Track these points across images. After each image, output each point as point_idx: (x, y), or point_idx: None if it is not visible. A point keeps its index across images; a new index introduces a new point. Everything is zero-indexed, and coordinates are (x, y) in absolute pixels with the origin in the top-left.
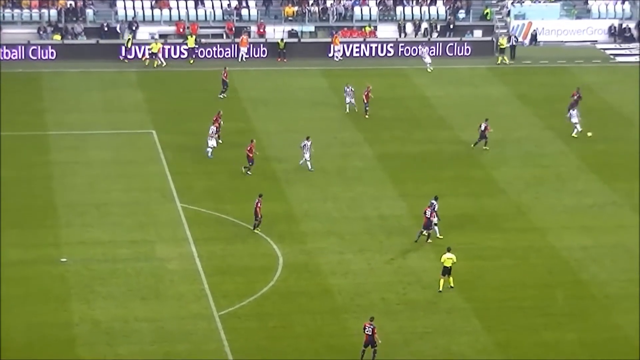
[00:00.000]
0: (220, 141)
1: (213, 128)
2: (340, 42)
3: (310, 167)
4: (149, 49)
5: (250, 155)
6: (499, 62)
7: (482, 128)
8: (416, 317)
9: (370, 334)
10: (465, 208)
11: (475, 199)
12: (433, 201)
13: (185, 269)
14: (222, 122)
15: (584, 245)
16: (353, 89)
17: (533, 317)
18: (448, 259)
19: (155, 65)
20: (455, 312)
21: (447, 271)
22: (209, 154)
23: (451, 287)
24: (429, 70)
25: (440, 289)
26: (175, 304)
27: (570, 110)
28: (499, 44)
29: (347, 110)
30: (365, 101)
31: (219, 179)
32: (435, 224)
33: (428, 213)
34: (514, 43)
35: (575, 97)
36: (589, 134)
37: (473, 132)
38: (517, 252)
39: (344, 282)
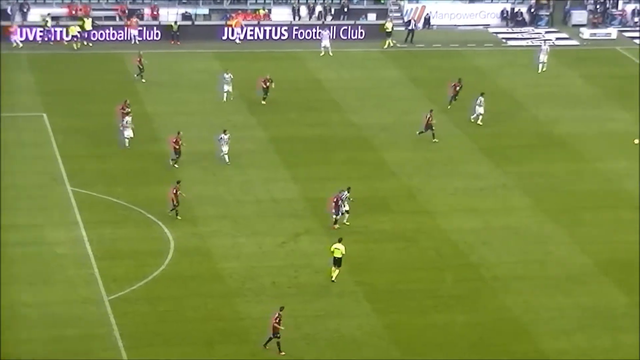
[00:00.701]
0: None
1: (128, 119)
2: (239, 25)
3: (227, 161)
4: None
5: (177, 147)
6: (386, 46)
7: (426, 118)
8: (307, 300)
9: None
10: (356, 191)
11: (366, 182)
12: (345, 192)
13: (74, 253)
14: (129, 110)
15: (474, 227)
16: (232, 76)
17: (422, 300)
18: (337, 249)
19: (77, 48)
20: (345, 296)
21: (337, 262)
22: (126, 144)
23: (332, 280)
24: (330, 54)
25: (333, 278)
26: (64, 289)
27: (480, 97)
28: (385, 27)
29: (225, 99)
30: (265, 87)
31: (111, 162)
32: (347, 211)
33: (337, 201)
34: (414, 27)
35: (457, 88)
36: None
37: (366, 115)
38: (407, 235)
39: (236, 265)
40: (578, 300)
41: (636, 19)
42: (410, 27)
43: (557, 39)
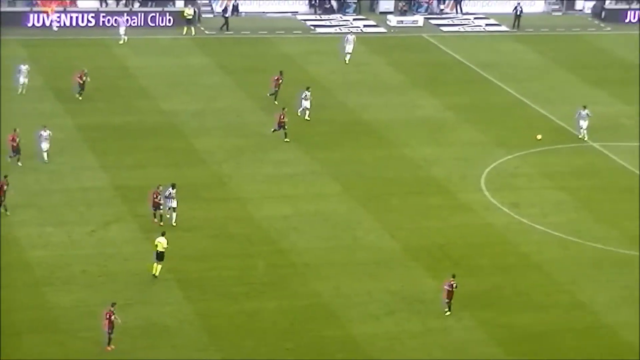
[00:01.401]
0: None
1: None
2: (53, 12)
3: (46, 159)
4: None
5: (14, 145)
6: (185, 32)
7: (279, 117)
8: (118, 289)
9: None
10: (166, 178)
11: (176, 169)
12: (169, 188)
13: None
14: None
15: (284, 214)
16: (29, 68)
17: (234, 287)
18: (159, 242)
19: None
20: (157, 283)
21: (159, 256)
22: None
23: (155, 276)
24: (121, 42)
25: (154, 273)
26: None
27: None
28: (185, 14)
29: (20, 91)
30: (81, 82)
31: None
32: (174, 209)
33: (157, 197)
34: (229, 14)
35: (279, 81)
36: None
37: (175, 103)
38: (218, 222)
39: (44, 254)
40: (387, 285)
41: (442, 7)
42: (226, 15)
43: (365, 26)
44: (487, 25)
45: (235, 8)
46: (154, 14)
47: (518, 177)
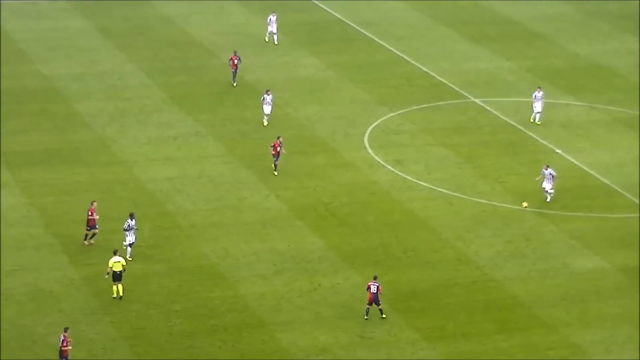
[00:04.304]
0: None
1: None
2: None
3: None
4: None
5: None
6: None
7: (274, 146)
8: (4, 256)
9: None
10: (49, 143)
11: (59, 134)
12: (129, 221)
13: None
14: None
15: (169, 176)
16: None
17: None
18: (116, 262)
19: None
20: (43, 249)
21: (117, 277)
22: None
23: (120, 297)
24: None
25: (115, 295)
26: None
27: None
28: None
29: None
30: None
31: None
32: (130, 245)
33: (91, 214)
34: None
35: (235, 61)
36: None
37: (56, 67)
38: (103, 186)
39: None
40: (274, 245)
41: None
42: None
43: None
44: None
45: None
46: None
47: (401, 135)
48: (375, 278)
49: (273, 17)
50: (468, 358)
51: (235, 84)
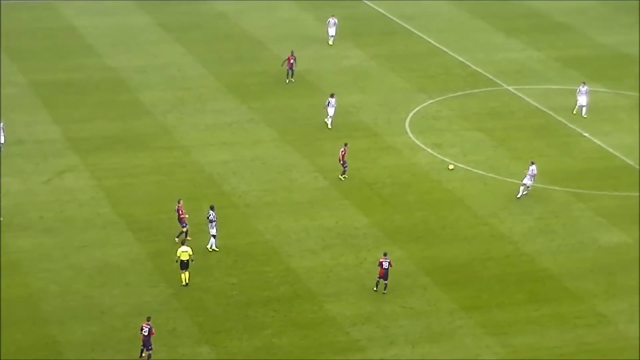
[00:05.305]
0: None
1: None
2: None
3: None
4: None
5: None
6: None
7: (341, 154)
8: (73, 233)
9: None
10: (114, 130)
11: (123, 121)
12: (211, 212)
13: None
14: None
15: (225, 159)
16: None
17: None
18: (183, 252)
19: None
20: (109, 227)
21: (184, 265)
22: None
23: (186, 284)
24: None
25: (183, 282)
26: None
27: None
28: None
29: None
30: None
31: None
32: (214, 236)
33: (181, 212)
34: None
35: (292, 61)
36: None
37: (119, 59)
38: (164, 169)
39: (3, 203)
40: (322, 223)
41: None
42: None
43: None
44: None
45: None
46: None
47: (439, 120)
48: (385, 255)
49: (332, 20)
50: (502, 326)
51: (288, 82)
